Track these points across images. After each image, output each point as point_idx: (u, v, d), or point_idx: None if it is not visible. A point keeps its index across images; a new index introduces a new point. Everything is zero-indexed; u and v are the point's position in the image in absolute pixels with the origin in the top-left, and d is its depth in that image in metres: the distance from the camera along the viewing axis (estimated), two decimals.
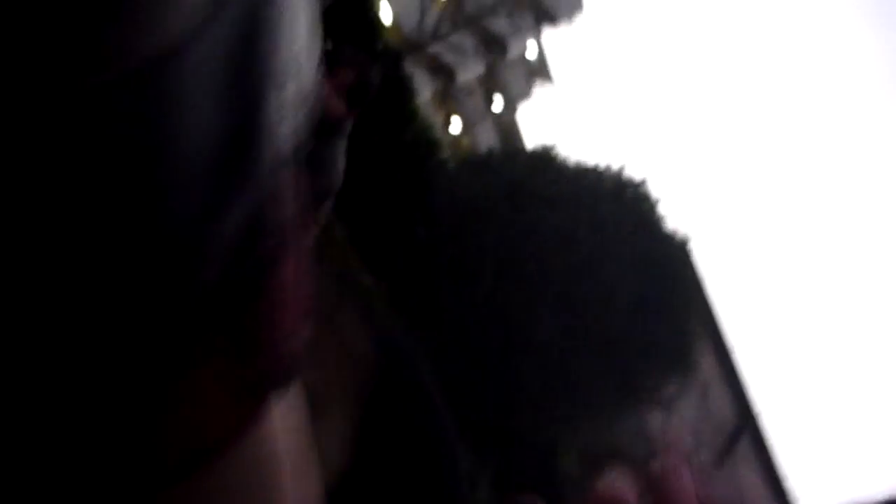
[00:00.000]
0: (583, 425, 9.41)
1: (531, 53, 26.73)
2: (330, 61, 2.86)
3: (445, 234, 8.78)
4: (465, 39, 14.36)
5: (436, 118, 25.19)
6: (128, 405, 0.24)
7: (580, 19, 21.97)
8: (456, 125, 26.80)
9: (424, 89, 21.92)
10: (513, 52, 22.85)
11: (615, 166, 9.76)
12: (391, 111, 10.74)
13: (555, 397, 8.66)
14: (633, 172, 9.77)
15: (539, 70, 27.70)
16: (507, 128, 27.33)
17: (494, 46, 20.63)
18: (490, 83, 26.35)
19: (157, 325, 0.23)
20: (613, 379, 8.67)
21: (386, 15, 19.75)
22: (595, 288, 8.34)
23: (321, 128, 2.44)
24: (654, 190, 9.65)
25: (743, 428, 22.39)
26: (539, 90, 27.73)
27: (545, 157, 9.94)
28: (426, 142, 11.65)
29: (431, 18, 13.05)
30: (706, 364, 16.02)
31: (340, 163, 2.97)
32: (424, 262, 8.79)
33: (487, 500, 8.72)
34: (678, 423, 15.33)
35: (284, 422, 0.36)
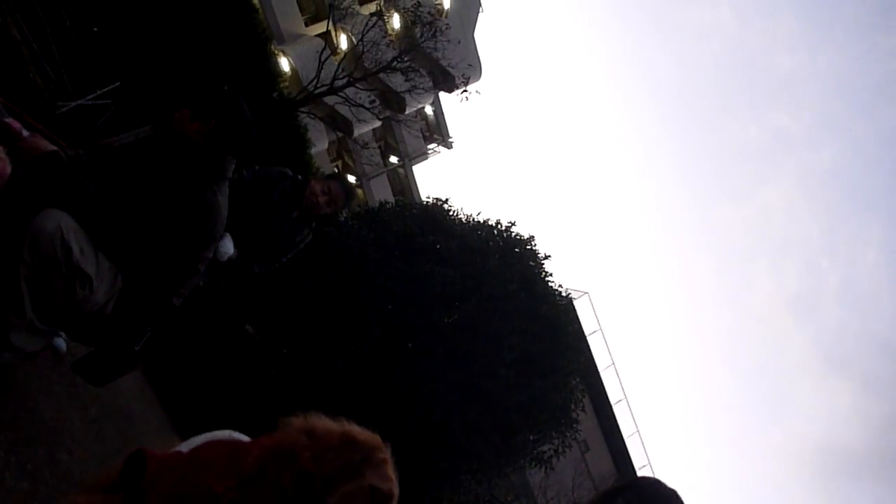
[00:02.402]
0: (465, 480, 9.38)
1: (428, 112, 27.34)
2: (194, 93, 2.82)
3: (334, 284, 8.71)
4: (363, 94, 14.49)
5: (331, 168, 25.22)
6: None
7: (479, 85, 22.72)
8: (351, 176, 26.91)
9: (321, 140, 21.97)
10: (410, 110, 23.28)
11: (505, 223, 9.98)
12: (286, 160, 10.70)
13: (438, 451, 8.62)
14: (522, 230, 10.00)
15: (436, 129, 28.30)
16: (401, 182, 27.65)
17: (392, 103, 20.97)
18: (387, 137, 26.71)
19: None
20: (495, 434, 8.72)
21: (285, 66, 19.80)
22: (480, 344, 8.42)
23: (197, 162, 2.40)
24: (542, 247, 9.89)
25: (622, 485, 22.91)
26: (435, 148, 28.30)
27: (437, 212, 10.05)
28: None
29: (330, 71, 13.12)
30: (587, 422, 16.38)
31: (221, 207, 2.83)
32: (310, 313, 8.68)
33: None
34: (559, 479, 15.52)
35: None
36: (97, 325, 2.64)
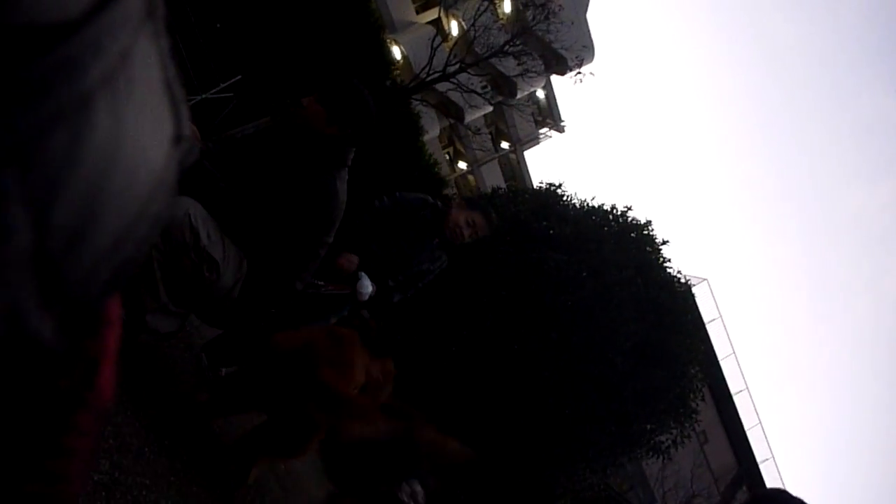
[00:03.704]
0: (579, 467, 9.26)
1: (540, 96, 27.02)
2: (318, 82, 2.86)
3: (446, 271, 8.74)
4: (474, 79, 14.47)
5: (443, 155, 25.40)
6: None
7: (592, 67, 22.23)
8: (462, 163, 27.01)
9: (433, 127, 22.14)
10: (522, 94, 23.07)
11: (620, 207, 9.74)
12: (400, 147, 10.84)
13: (553, 438, 8.54)
14: (639, 214, 9.72)
15: (548, 113, 27.95)
16: (513, 167, 27.51)
17: (503, 87, 20.84)
18: (498, 123, 26.61)
19: None
20: (611, 423, 8.55)
21: (397, 54, 20.04)
22: (595, 331, 8.27)
23: (319, 151, 2.45)
24: (660, 232, 9.58)
25: (743, 476, 22.11)
26: (547, 133, 27.97)
27: (550, 197, 9.92)
28: (432, 178, 11.73)
29: (441, 58, 13.18)
30: (706, 412, 15.86)
31: (341, 193, 2.89)
32: (423, 300, 8.76)
33: None
34: (677, 470, 15.12)
35: None
36: (225, 309, 2.74)
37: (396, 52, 20.15)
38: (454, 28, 21.06)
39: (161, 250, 2.50)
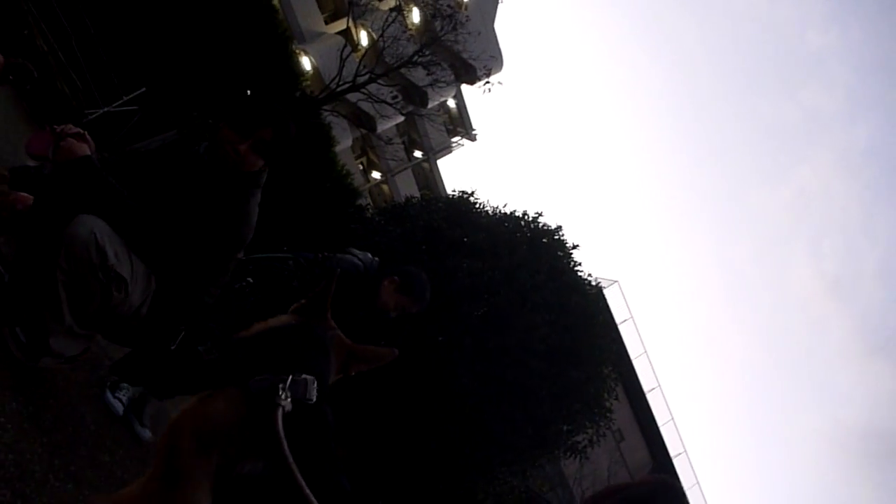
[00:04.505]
0: (499, 471, 9.38)
1: (451, 105, 27.28)
2: (251, 120, 2.79)
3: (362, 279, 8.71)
4: (385, 90, 14.50)
5: (356, 165, 25.31)
6: None
7: (501, 76, 22.59)
8: (376, 173, 26.99)
9: (345, 137, 22.04)
10: (433, 104, 23.25)
11: (532, 213, 9.92)
12: (311, 159, 10.76)
13: (471, 444, 8.62)
14: (549, 220, 9.90)
15: (459, 122, 28.25)
16: (426, 176, 27.66)
17: (414, 97, 20.96)
18: (410, 132, 26.71)
19: None
20: (529, 426, 8.70)
21: (306, 65, 19.87)
22: (510, 336, 8.40)
23: (239, 181, 2.43)
24: (571, 237, 9.80)
25: (658, 471, 22.76)
26: (459, 141, 28.25)
27: (463, 205, 10.03)
28: (345, 188, 11.69)
29: (351, 68, 13.16)
30: (621, 410, 16.30)
31: (254, 214, 2.87)
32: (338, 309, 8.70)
33: None
34: (594, 469, 15.47)
35: None
36: (133, 327, 2.68)
37: (306, 62, 19.99)
38: (364, 38, 21.06)
39: (66, 271, 2.43)
